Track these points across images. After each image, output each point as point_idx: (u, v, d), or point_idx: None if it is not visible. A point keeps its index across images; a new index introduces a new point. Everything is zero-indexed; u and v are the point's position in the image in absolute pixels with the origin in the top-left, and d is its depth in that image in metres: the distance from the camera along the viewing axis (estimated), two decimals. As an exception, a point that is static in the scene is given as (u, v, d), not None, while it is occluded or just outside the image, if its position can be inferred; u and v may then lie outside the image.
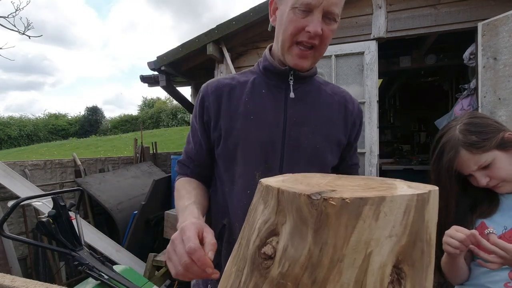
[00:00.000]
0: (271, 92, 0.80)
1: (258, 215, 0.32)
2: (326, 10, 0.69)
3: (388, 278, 0.26)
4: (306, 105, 0.81)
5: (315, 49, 0.74)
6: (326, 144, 0.82)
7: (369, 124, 2.68)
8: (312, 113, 0.81)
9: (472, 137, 0.89)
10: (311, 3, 0.67)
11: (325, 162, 0.83)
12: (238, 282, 0.32)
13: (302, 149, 0.79)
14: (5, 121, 15.23)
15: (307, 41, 0.72)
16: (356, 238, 0.25)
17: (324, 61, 2.85)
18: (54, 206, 2.08)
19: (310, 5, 0.68)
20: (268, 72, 0.82)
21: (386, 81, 6.17)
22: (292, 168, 0.78)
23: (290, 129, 0.78)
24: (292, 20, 0.70)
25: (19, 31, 5.38)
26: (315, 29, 0.69)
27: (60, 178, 4.06)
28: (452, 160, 0.92)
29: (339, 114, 0.85)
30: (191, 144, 0.89)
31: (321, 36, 0.71)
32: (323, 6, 0.68)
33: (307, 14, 0.69)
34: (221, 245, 0.81)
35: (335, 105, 0.85)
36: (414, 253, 0.27)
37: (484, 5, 2.38)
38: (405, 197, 0.25)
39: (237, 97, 0.80)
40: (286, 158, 0.78)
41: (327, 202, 0.25)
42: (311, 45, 0.73)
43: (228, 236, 0.81)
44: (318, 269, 0.26)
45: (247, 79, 0.83)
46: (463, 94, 2.85)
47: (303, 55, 0.74)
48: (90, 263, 1.90)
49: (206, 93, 0.84)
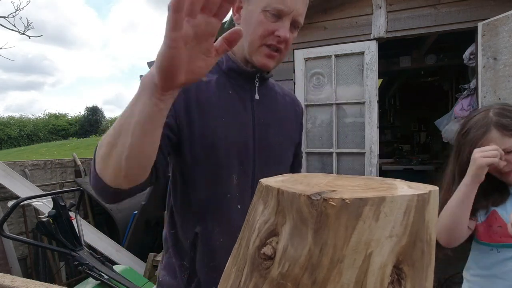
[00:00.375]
0: (237, 93, 0.81)
1: (258, 216, 0.32)
2: (294, 18, 0.74)
3: (388, 279, 0.26)
4: (268, 106, 0.85)
5: (280, 52, 0.78)
6: (288, 143, 0.88)
7: (369, 124, 2.68)
8: (274, 114, 0.86)
9: (506, 119, 0.94)
10: (283, 10, 0.72)
11: (289, 160, 0.89)
12: (238, 283, 0.32)
13: (271, 149, 0.82)
14: (5, 121, 15.24)
15: (275, 45, 0.75)
16: (356, 239, 0.25)
17: (324, 61, 2.85)
18: (54, 206, 2.08)
19: (281, 11, 0.72)
20: (233, 73, 0.81)
21: (386, 81, 6.17)
22: (263, 169, 0.80)
23: (258, 130, 0.81)
24: (263, 23, 0.73)
25: (19, 31, 5.39)
26: (284, 35, 0.73)
27: (60, 178, 4.06)
28: (479, 137, 0.96)
29: (292, 114, 0.92)
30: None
31: (286, 41, 0.75)
32: (292, 14, 0.73)
33: (277, 19, 0.73)
34: (195, 254, 0.77)
35: (288, 106, 0.92)
36: (414, 253, 0.27)
37: (484, 5, 2.38)
38: (406, 197, 0.25)
39: (206, 98, 0.76)
40: (257, 159, 0.80)
41: (327, 202, 0.25)
42: (277, 48, 0.76)
43: (203, 245, 0.77)
44: (318, 270, 0.26)
45: (209, 78, 0.80)
46: (463, 94, 2.85)
47: (271, 55, 0.77)
48: (90, 263, 1.90)
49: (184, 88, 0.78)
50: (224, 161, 0.76)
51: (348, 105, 2.78)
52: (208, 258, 0.77)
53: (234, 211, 0.78)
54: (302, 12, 0.76)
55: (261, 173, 0.79)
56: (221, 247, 0.77)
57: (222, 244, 0.78)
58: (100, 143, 0.56)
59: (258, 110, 0.82)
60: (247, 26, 0.76)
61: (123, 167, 0.52)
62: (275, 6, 0.71)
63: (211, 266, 0.77)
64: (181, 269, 0.79)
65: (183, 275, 0.78)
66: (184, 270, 0.79)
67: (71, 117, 19.56)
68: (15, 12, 5.32)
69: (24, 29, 5.44)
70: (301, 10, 0.75)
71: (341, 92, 2.81)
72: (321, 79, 2.87)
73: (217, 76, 0.81)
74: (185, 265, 0.79)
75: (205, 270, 0.77)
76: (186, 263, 0.79)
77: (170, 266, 0.82)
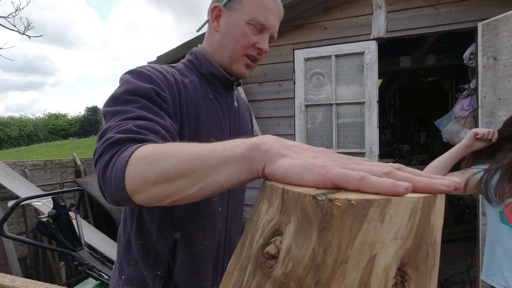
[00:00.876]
0: (216, 99, 0.83)
1: (262, 215, 0.32)
2: (272, 34, 0.82)
3: (392, 281, 0.26)
4: (238, 112, 0.90)
5: (256, 63, 0.84)
6: None
7: (369, 124, 2.68)
8: (242, 120, 0.91)
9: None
10: (266, 25, 0.78)
11: None
12: (240, 281, 0.32)
13: None
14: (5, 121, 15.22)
15: (255, 56, 0.81)
16: (361, 240, 0.25)
17: (324, 61, 2.85)
18: (54, 206, 2.08)
19: (264, 26, 0.78)
20: (213, 79, 0.82)
21: (386, 81, 6.17)
22: None
23: (233, 135, 0.85)
24: (247, 34, 0.78)
25: (19, 31, 5.38)
26: (265, 47, 0.80)
27: (60, 178, 4.06)
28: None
29: (248, 119, 0.99)
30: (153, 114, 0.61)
31: (264, 53, 0.82)
32: (271, 30, 0.80)
33: (258, 33, 0.79)
34: (173, 261, 0.74)
35: (246, 111, 0.98)
36: (419, 256, 0.27)
37: (484, 5, 2.38)
38: (412, 199, 0.25)
39: (192, 99, 0.75)
40: None
41: (332, 203, 0.25)
42: (255, 59, 0.82)
43: (184, 251, 0.75)
44: (322, 270, 0.26)
45: (190, 79, 0.78)
46: (463, 94, 2.85)
47: (249, 65, 0.82)
48: (90, 263, 1.90)
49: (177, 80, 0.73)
50: None
51: (348, 105, 2.78)
52: (189, 263, 0.76)
53: (216, 213, 0.79)
54: (277, 28, 0.84)
55: None
56: (204, 250, 0.77)
57: (206, 247, 0.77)
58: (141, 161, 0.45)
59: (232, 116, 0.86)
60: (228, 36, 0.79)
61: (167, 202, 0.44)
62: (259, 21, 0.77)
63: (192, 271, 0.76)
64: (154, 280, 0.75)
65: (157, 286, 0.75)
66: (158, 280, 0.75)
67: (71, 117, 19.55)
68: (15, 12, 5.31)
69: (24, 29, 5.43)
70: (277, 27, 0.83)
71: (341, 92, 2.81)
72: (321, 79, 2.87)
73: (196, 78, 0.80)
74: (159, 275, 0.75)
75: (186, 276, 0.76)
76: (160, 272, 0.75)
77: (137, 279, 0.75)
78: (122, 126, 0.54)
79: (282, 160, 0.33)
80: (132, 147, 0.48)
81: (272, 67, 3.04)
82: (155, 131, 0.56)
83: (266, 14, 0.77)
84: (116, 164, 0.47)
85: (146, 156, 0.45)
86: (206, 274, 0.78)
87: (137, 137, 0.52)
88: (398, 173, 0.29)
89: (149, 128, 0.56)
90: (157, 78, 0.67)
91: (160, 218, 0.75)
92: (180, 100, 0.71)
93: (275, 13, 0.80)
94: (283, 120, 3.01)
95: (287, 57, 2.98)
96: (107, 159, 0.49)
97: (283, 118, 3.00)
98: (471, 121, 2.78)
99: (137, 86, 0.62)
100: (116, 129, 0.54)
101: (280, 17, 0.83)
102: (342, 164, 0.31)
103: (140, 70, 0.67)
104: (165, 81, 0.69)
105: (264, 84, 3.08)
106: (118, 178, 0.46)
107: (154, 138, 0.54)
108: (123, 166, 0.46)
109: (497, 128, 1.26)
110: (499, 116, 2.19)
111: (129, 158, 0.46)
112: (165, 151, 0.44)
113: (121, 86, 0.63)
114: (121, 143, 0.51)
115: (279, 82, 3.01)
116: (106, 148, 0.51)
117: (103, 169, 0.49)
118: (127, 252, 0.78)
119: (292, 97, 2.95)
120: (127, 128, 0.53)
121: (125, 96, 0.61)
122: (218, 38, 0.81)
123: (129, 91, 0.61)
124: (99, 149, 0.52)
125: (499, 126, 1.28)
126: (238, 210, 0.90)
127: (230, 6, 0.78)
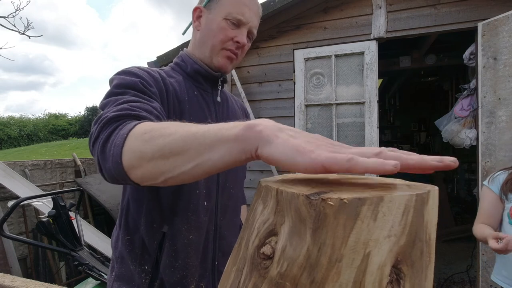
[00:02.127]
0: (202, 95, 0.86)
1: (258, 215, 0.32)
2: (250, 30, 0.84)
3: (387, 279, 0.26)
4: (227, 108, 0.92)
5: (237, 57, 0.86)
6: None
7: (369, 124, 2.68)
8: (231, 115, 0.92)
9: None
10: (242, 20, 0.81)
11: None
12: (237, 282, 0.32)
13: None
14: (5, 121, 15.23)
15: (233, 50, 0.84)
16: (355, 238, 0.25)
17: (324, 61, 2.85)
18: (54, 206, 2.08)
19: (241, 21, 0.81)
20: (198, 76, 0.86)
21: (386, 81, 6.17)
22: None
23: None
24: (224, 29, 0.81)
25: (19, 31, 5.38)
26: (243, 40, 0.82)
27: (60, 178, 4.06)
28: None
29: (242, 117, 1.00)
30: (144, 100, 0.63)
31: (243, 48, 0.85)
32: (249, 25, 0.83)
33: (236, 28, 0.82)
34: (160, 255, 0.76)
35: (238, 109, 1.00)
36: (413, 253, 0.27)
37: (484, 5, 2.38)
38: (404, 197, 0.25)
39: (177, 95, 0.79)
40: None
41: (325, 202, 0.25)
42: (235, 53, 0.85)
43: (170, 244, 0.76)
44: (317, 269, 0.26)
45: (175, 78, 0.83)
46: (463, 94, 2.85)
47: (230, 57, 0.85)
48: (90, 263, 1.91)
49: (162, 77, 0.77)
50: None
51: (348, 105, 2.78)
52: (174, 257, 0.77)
53: (201, 207, 0.79)
54: (256, 25, 0.86)
55: (224, 171, 0.85)
56: (188, 245, 0.78)
57: (190, 241, 0.78)
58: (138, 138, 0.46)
59: (219, 112, 0.89)
60: (208, 32, 0.83)
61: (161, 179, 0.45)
62: (235, 16, 0.80)
63: (177, 266, 0.77)
64: (142, 275, 0.77)
65: (144, 280, 0.77)
66: (145, 274, 0.77)
67: (71, 117, 19.55)
68: (15, 12, 5.32)
69: (24, 29, 5.44)
70: (255, 23, 0.85)
71: (341, 92, 2.81)
72: (321, 79, 2.87)
73: (181, 77, 0.85)
74: (146, 270, 0.77)
75: (171, 270, 0.77)
76: (147, 267, 0.77)
77: (125, 275, 0.79)
78: (117, 105, 0.57)
79: (275, 142, 0.33)
80: (130, 124, 0.50)
81: (272, 67, 3.04)
82: (148, 110, 0.59)
83: (243, 9, 0.81)
84: (115, 141, 0.49)
85: (143, 133, 0.46)
86: (191, 269, 0.78)
87: (132, 113, 0.54)
88: (388, 153, 0.30)
89: (142, 108, 0.58)
90: (143, 75, 0.71)
91: (148, 211, 0.77)
92: (167, 94, 0.75)
93: (252, 10, 0.83)
94: (283, 120, 3.01)
95: (287, 57, 2.98)
96: (107, 135, 0.51)
97: (283, 118, 3.00)
98: (471, 121, 2.78)
99: (126, 80, 0.66)
100: (111, 108, 0.56)
101: (257, 15, 0.86)
102: (333, 149, 0.31)
103: (127, 69, 0.71)
104: (151, 77, 0.73)
105: (264, 84, 3.08)
106: (116, 153, 0.47)
107: (147, 115, 0.57)
108: (121, 142, 0.48)
109: (496, 127, 1.27)
110: (499, 116, 2.19)
111: (127, 134, 0.48)
112: (162, 129, 0.45)
113: (111, 84, 0.67)
114: (118, 119, 0.53)
115: (279, 82, 3.02)
116: (104, 126, 0.53)
117: (102, 145, 0.51)
118: (116, 249, 0.82)
119: (292, 97, 2.95)
120: (122, 107, 0.56)
121: (116, 89, 0.64)
122: (199, 36, 0.86)
123: (119, 85, 0.65)
124: (96, 130, 0.54)
125: (499, 126, 1.28)
126: (230, 206, 0.89)
127: (209, 6, 0.84)
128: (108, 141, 0.50)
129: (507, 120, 2.14)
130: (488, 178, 1.33)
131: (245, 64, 3.16)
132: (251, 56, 3.13)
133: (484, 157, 2.27)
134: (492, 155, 2.23)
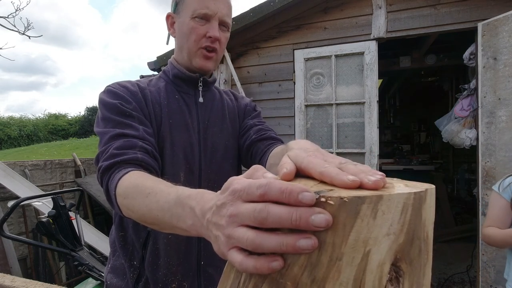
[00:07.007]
0: (182, 98, 0.88)
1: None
2: (221, 19, 0.83)
3: (386, 276, 0.26)
4: (212, 108, 0.93)
5: (216, 52, 0.86)
6: (232, 140, 0.94)
7: (369, 124, 2.68)
8: (217, 114, 0.93)
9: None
10: (208, 13, 0.81)
11: (234, 156, 0.95)
12: (237, 282, 0.32)
13: (215, 147, 0.89)
14: (5, 121, 15.22)
15: (209, 46, 0.83)
16: (355, 237, 0.25)
17: (324, 61, 2.85)
18: (54, 206, 2.08)
19: (207, 15, 0.81)
20: (178, 80, 0.89)
21: (386, 81, 6.17)
22: (209, 166, 0.87)
23: (203, 130, 0.88)
24: (194, 28, 0.82)
25: (19, 31, 5.39)
26: (214, 34, 0.81)
27: (60, 178, 4.06)
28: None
29: (232, 109, 0.98)
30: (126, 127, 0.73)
31: (219, 41, 0.84)
32: (218, 16, 0.82)
33: (206, 23, 0.82)
34: (145, 254, 0.81)
35: (229, 103, 0.99)
36: (412, 251, 0.27)
37: (484, 5, 2.38)
38: (402, 195, 0.26)
39: (157, 101, 0.84)
40: (203, 157, 0.87)
41: (325, 201, 0.25)
42: (212, 49, 0.84)
43: (152, 244, 0.81)
44: (317, 268, 0.26)
45: (158, 86, 0.88)
46: (463, 94, 2.85)
47: (208, 56, 0.85)
48: (90, 263, 1.91)
49: (141, 88, 0.84)
50: (172, 160, 0.82)
51: (348, 105, 2.79)
52: (156, 256, 0.81)
53: None
54: (227, 12, 0.84)
55: (207, 170, 0.87)
56: (168, 244, 0.81)
57: (169, 240, 0.81)
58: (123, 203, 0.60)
59: (202, 112, 0.90)
60: (182, 36, 0.85)
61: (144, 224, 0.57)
62: (200, 11, 0.80)
63: (159, 264, 0.81)
64: (130, 270, 0.82)
65: (132, 275, 0.82)
66: (133, 270, 0.82)
67: (71, 117, 19.53)
68: (15, 12, 5.32)
69: (24, 29, 5.44)
70: (225, 11, 0.83)
71: (341, 92, 2.81)
72: (321, 79, 2.88)
73: (165, 83, 0.89)
74: (135, 265, 0.82)
75: (154, 268, 0.81)
76: (136, 262, 0.82)
77: (118, 268, 0.85)
78: (106, 152, 0.68)
79: (212, 241, 0.34)
80: (113, 181, 0.63)
81: (272, 67, 3.04)
82: (132, 147, 0.70)
83: (206, 3, 0.80)
84: (110, 192, 0.64)
85: (123, 199, 0.59)
86: (172, 268, 0.81)
87: (119, 160, 0.66)
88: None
89: (126, 147, 0.69)
90: (122, 92, 0.79)
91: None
92: (147, 103, 0.81)
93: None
94: (283, 120, 3.01)
95: (287, 57, 2.98)
96: (105, 188, 0.66)
97: (283, 118, 3.00)
98: (471, 121, 2.78)
99: (109, 104, 0.76)
100: (103, 157, 0.69)
101: (225, 2, 0.84)
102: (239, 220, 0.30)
103: (110, 88, 0.80)
104: (129, 92, 0.80)
105: (264, 84, 3.08)
106: (114, 200, 0.63)
107: (133, 153, 0.68)
108: (114, 199, 0.62)
109: (496, 128, 1.28)
110: (499, 116, 2.19)
111: (115, 192, 0.61)
112: (135, 199, 0.55)
113: (99, 104, 0.78)
114: (109, 170, 0.66)
115: (279, 82, 3.02)
116: (101, 176, 0.68)
117: (106, 192, 0.67)
118: (113, 244, 0.88)
119: (292, 97, 2.95)
120: (110, 154, 0.68)
121: (103, 116, 0.75)
122: (176, 41, 0.89)
123: (103, 112, 0.76)
124: (99, 174, 0.69)
125: (499, 126, 1.29)
126: None
127: (178, 11, 0.85)
128: (108, 190, 0.66)
129: (507, 120, 2.14)
130: (498, 183, 1.32)
131: (245, 64, 3.16)
132: (251, 56, 3.14)
133: (484, 157, 2.27)
134: (492, 155, 2.23)
